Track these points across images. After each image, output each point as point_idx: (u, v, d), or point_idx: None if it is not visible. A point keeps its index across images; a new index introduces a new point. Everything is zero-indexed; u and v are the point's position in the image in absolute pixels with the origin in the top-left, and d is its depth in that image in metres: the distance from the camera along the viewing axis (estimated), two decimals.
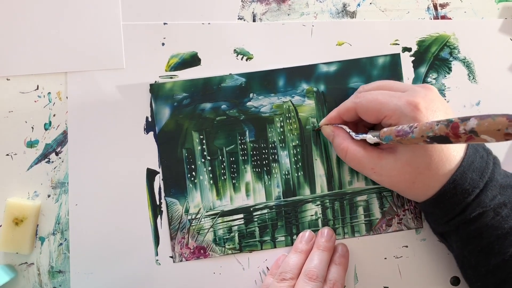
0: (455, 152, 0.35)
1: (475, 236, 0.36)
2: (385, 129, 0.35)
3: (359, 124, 0.42)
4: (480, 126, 0.26)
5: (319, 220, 0.43)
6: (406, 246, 0.43)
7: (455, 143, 0.29)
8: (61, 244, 0.42)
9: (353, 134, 0.39)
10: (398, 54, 0.44)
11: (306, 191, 0.43)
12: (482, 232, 0.35)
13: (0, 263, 0.42)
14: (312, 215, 0.43)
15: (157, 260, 0.42)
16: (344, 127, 0.40)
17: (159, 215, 0.43)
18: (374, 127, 0.42)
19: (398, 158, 0.36)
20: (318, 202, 0.43)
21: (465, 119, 0.28)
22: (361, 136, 0.38)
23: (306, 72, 0.43)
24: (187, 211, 0.43)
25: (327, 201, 0.43)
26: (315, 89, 0.43)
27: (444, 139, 0.29)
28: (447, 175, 0.35)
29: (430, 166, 0.35)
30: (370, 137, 0.37)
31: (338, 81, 0.43)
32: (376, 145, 0.40)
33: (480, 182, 0.35)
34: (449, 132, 0.29)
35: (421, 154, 0.35)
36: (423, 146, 0.35)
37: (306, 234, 0.42)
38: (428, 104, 0.35)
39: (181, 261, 0.42)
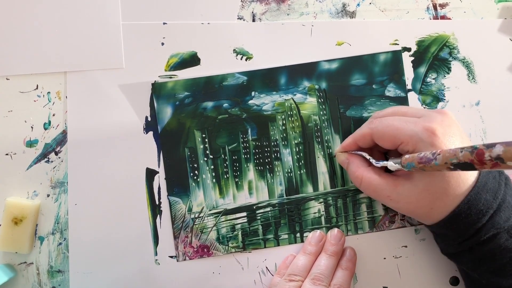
0: (469, 174, 0.35)
1: (488, 258, 0.35)
2: (407, 156, 0.35)
3: (373, 150, 0.41)
4: (507, 153, 0.26)
5: (322, 218, 0.43)
6: (406, 246, 0.43)
7: (480, 170, 0.29)
8: (60, 243, 0.42)
9: (373, 161, 0.39)
10: (400, 51, 0.44)
11: (309, 189, 0.43)
12: (495, 254, 0.35)
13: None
14: (315, 213, 0.43)
15: (156, 259, 0.42)
16: (364, 154, 0.40)
17: (158, 215, 0.42)
18: (388, 153, 0.41)
19: (415, 185, 0.36)
20: (321, 200, 0.43)
21: (490, 146, 0.27)
22: (381, 163, 0.38)
23: (308, 70, 0.43)
24: (190, 209, 0.43)
25: (330, 198, 0.43)
26: (317, 86, 0.43)
27: (468, 166, 0.29)
28: (462, 196, 0.35)
29: (447, 191, 0.35)
30: (391, 164, 0.36)
31: (339, 78, 0.43)
32: (389, 171, 0.39)
33: (494, 203, 0.34)
34: (473, 159, 0.28)
35: (438, 180, 0.35)
36: (440, 172, 0.34)
37: (316, 234, 0.42)
38: (445, 129, 0.35)
39: (184, 259, 0.42)
